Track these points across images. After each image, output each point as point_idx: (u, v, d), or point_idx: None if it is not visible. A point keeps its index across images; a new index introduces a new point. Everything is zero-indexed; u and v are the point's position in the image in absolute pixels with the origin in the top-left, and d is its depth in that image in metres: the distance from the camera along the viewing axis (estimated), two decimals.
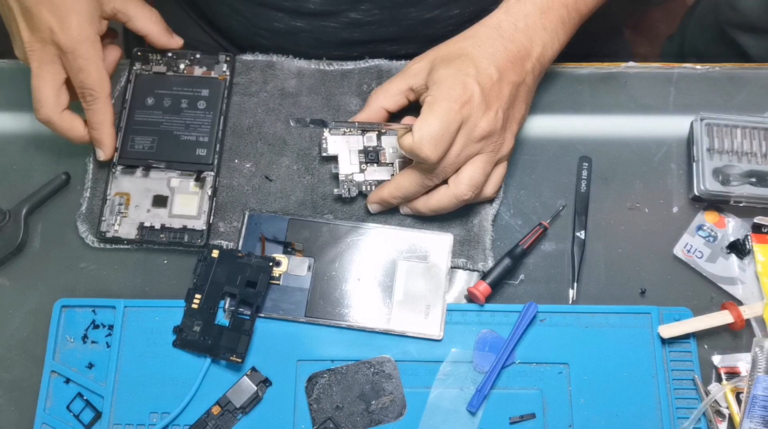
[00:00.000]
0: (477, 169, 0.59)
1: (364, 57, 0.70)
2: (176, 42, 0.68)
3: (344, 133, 0.64)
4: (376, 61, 0.69)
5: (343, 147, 0.64)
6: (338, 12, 0.70)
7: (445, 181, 0.60)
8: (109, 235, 0.63)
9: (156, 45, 0.67)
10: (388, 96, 0.63)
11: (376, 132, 0.64)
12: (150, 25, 0.66)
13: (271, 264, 0.61)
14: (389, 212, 0.64)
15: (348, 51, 0.72)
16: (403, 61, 0.69)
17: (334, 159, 0.64)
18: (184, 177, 0.65)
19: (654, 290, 0.63)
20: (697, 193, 0.65)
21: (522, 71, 0.60)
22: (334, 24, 0.71)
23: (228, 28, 0.77)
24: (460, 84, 0.57)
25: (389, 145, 0.64)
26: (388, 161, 0.64)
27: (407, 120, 0.63)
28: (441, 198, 0.61)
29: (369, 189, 0.64)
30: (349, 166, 0.64)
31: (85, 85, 0.61)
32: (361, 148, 0.64)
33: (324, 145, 0.64)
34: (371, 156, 0.64)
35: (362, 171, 0.64)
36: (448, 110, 0.57)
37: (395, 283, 0.62)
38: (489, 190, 0.62)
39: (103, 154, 0.64)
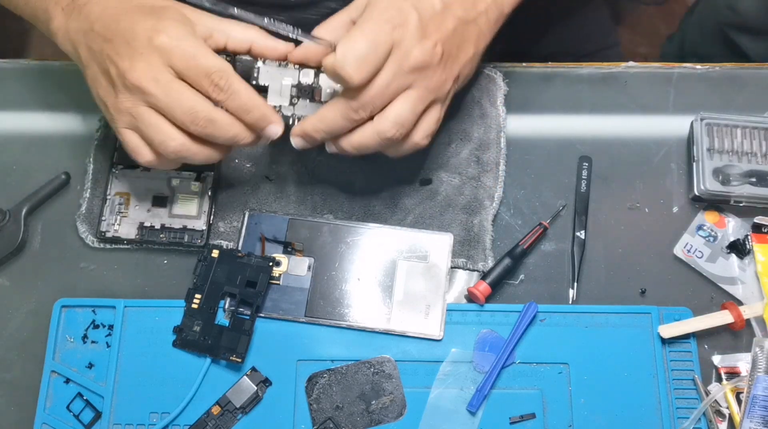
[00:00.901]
0: (405, 105, 0.54)
1: None
2: (284, 47, 0.58)
3: (279, 65, 0.59)
4: None
5: (276, 79, 0.58)
6: (318, 2, 0.70)
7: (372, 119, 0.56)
8: (109, 235, 0.63)
9: (266, 54, 0.58)
10: (329, 29, 0.57)
11: (314, 69, 0.59)
12: (252, 32, 0.58)
13: (271, 264, 0.61)
14: (389, 213, 0.64)
15: None
16: None
17: (264, 90, 0.58)
18: (184, 177, 0.65)
19: (654, 290, 0.63)
20: (697, 193, 0.65)
21: (473, 10, 0.57)
22: (315, 15, 0.70)
23: None
24: (395, 7, 0.53)
25: (327, 84, 0.58)
26: (322, 100, 0.58)
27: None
28: (364, 133, 0.55)
29: (294, 123, 0.58)
30: (278, 97, 0.58)
31: (208, 70, 0.53)
32: (296, 82, 0.58)
33: (255, 74, 0.58)
34: (305, 92, 0.58)
35: (292, 104, 0.58)
36: (377, 30, 0.52)
37: (395, 283, 0.62)
38: (418, 134, 0.57)
39: (276, 128, 0.56)
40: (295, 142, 0.58)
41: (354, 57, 0.51)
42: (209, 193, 0.64)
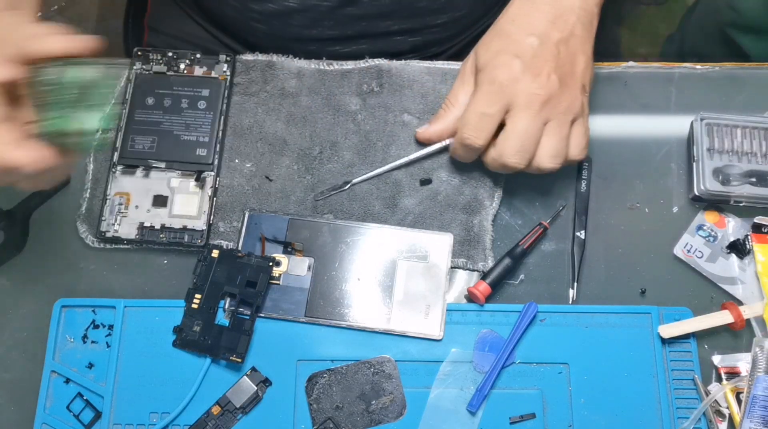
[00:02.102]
0: (552, 139, 0.59)
1: (359, 37, 0.70)
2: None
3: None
4: (377, 61, 0.69)
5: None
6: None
7: None
8: (109, 235, 0.63)
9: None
10: (443, 125, 0.64)
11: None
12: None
13: (271, 264, 0.61)
14: (389, 213, 0.64)
15: (342, 29, 0.72)
16: (402, 61, 0.70)
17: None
18: (185, 177, 0.65)
19: (654, 290, 0.63)
20: (697, 193, 0.65)
21: (566, 26, 0.60)
22: (327, 2, 0.71)
23: (222, 14, 0.77)
24: (501, 66, 0.59)
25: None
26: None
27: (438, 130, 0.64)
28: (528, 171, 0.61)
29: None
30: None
31: None
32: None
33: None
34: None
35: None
36: (485, 100, 0.59)
37: (395, 283, 0.62)
38: (574, 152, 0.61)
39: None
40: None
41: (468, 134, 0.60)
42: (209, 193, 0.64)
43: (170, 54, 0.68)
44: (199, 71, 0.68)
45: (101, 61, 0.58)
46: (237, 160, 0.66)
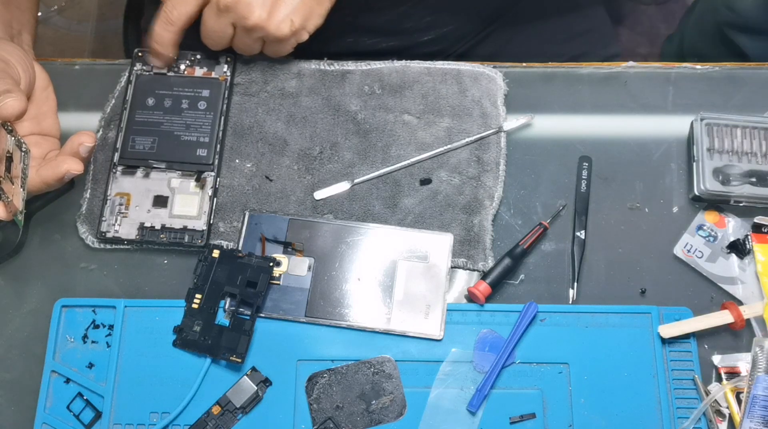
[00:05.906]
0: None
1: (346, 55, 0.70)
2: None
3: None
4: (378, 64, 0.70)
5: None
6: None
7: None
8: (109, 235, 0.63)
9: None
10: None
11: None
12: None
13: (271, 264, 0.61)
14: (389, 213, 0.64)
15: (330, 48, 0.72)
16: (403, 61, 0.70)
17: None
18: (185, 177, 0.65)
19: (654, 290, 0.63)
20: (697, 193, 0.65)
21: None
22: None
23: None
24: None
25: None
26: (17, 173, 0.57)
27: None
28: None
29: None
30: None
31: None
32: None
33: None
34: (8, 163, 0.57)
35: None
36: None
37: (395, 283, 0.62)
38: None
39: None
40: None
41: None
42: (209, 194, 0.64)
43: None
44: (199, 72, 0.68)
45: (102, 61, 0.58)
46: (237, 161, 0.66)
